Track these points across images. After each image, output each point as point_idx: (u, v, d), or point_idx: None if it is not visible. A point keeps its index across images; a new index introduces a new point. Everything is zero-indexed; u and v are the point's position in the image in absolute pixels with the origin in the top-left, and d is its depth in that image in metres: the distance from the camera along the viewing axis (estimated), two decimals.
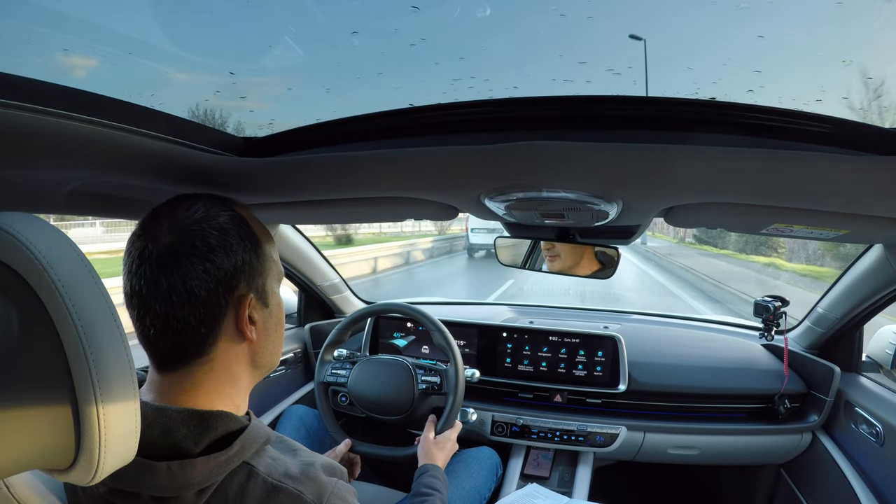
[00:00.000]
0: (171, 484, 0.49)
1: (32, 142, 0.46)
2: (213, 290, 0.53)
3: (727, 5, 0.46)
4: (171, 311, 0.52)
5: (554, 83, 0.51)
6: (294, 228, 1.56)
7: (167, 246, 0.52)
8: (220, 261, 0.53)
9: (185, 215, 0.54)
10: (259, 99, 0.60)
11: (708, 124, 0.51)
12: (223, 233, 0.54)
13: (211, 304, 0.53)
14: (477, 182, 0.72)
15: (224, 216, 0.56)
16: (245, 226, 0.57)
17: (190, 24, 0.53)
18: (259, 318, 0.58)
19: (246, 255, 0.56)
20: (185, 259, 0.52)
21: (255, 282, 0.57)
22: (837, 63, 0.48)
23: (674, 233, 14.54)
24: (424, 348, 1.62)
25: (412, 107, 0.55)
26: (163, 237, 0.53)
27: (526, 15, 0.50)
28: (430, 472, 1.04)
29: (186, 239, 0.53)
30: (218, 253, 0.53)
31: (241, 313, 0.55)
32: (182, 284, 0.52)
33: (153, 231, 0.54)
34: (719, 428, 1.43)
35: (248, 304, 0.56)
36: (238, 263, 0.55)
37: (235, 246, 0.55)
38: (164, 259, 0.52)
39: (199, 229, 0.53)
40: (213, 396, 0.55)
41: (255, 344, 0.58)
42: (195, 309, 0.52)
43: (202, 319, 0.53)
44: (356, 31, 0.53)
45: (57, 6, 0.47)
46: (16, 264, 0.40)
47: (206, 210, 0.55)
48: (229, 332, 0.56)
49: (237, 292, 0.55)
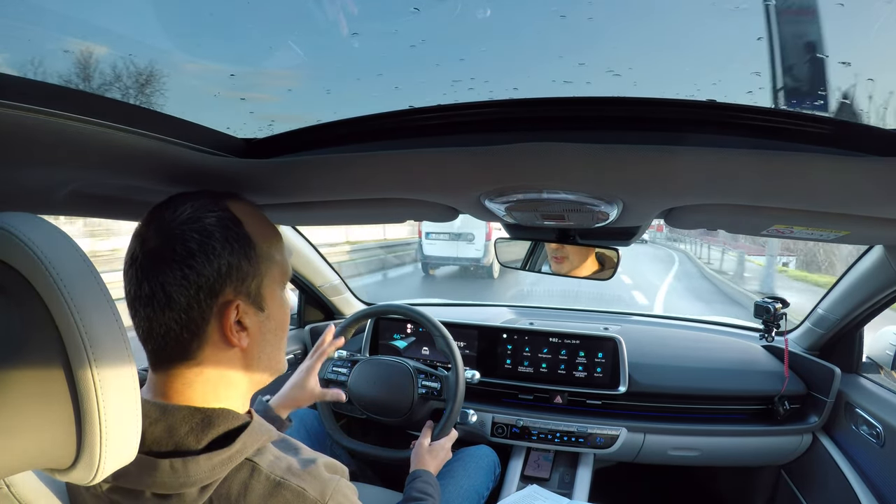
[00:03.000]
0: (173, 481, 0.49)
1: (32, 142, 0.46)
2: (193, 297, 0.52)
3: (727, 6, 0.46)
4: (153, 315, 0.52)
5: (554, 84, 0.51)
6: (294, 229, 1.56)
7: (151, 250, 0.52)
8: (200, 266, 0.52)
9: (171, 217, 0.53)
10: (259, 100, 0.60)
11: (708, 126, 0.51)
12: (206, 236, 0.53)
13: (192, 309, 0.52)
14: (477, 183, 0.72)
15: (211, 217, 0.54)
16: (235, 227, 0.55)
17: (190, 25, 0.53)
18: (252, 323, 0.56)
19: (233, 258, 0.54)
20: (165, 264, 0.51)
21: (246, 286, 0.55)
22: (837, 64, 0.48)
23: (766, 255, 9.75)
24: (424, 349, 1.62)
25: (412, 108, 0.55)
26: (149, 240, 0.53)
27: (526, 16, 0.50)
28: (423, 477, 1.05)
29: (168, 243, 0.52)
30: (198, 258, 0.52)
31: (225, 320, 0.53)
32: (161, 290, 0.51)
33: (143, 233, 0.53)
34: (719, 429, 1.43)
35: (234, 311, 0.54)
36: (222, 268, 0.53)
37: (219, 249, 0.53)
38: (147, 263, 0.52)
39: (181, 233, 0.52)
40: (210, 396, 0.55)
41: (248, 350, 0.57)
42: (176, 315, 0.52)
43: (184, 325, 0.52)
44: (356, 33, 0.53)
45: (57, 7, 0.47)
46: (17, 263, 0.40)
47: (192, 211, 0.54)
48: (215, 337, 0.54)
49: (221, 298, 0.53)
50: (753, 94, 0.49)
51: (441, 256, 9.26)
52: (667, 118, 0.51)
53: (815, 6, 0.48)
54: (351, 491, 0.57)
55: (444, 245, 9.08)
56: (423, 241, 9.25)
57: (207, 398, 0.55)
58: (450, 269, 9.98)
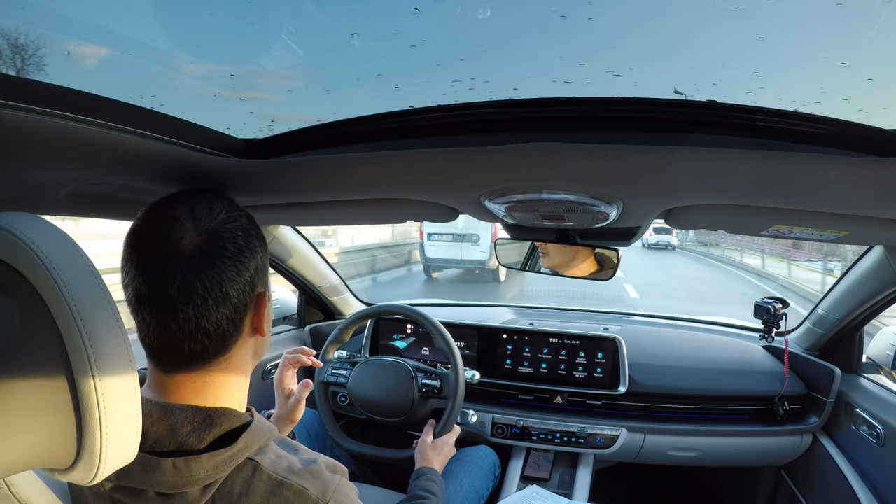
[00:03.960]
0: (176, 480, 0.49)
1: (32, 143, 0.46)
2: (244, 292, 0.54)
3: (727, 6, 0.46)
4: (204, 313, 0.51)
5: (554, 85, 0.51)
6: (294, 230, 1.56)
7: (198, 248, 0.51)
8: (248, 261, 0.55)
9: (208, 217, 0.54)
10: (259, 100, 0.60)
11: (708, 126, 0.51)
12: (247, 234, 0.56)
13: (241, 304, 0.54)
14: (477, 183, 0.72)
15: (242, 217, 0.57)
16: (256, 225, 0.59)
17: (190, 25, 0.53)
18: (266, 311, 0.60)
19: (262, 254, 0.58)
20: (219, 261, 0.52)
21: (265, 277, 0.59)
22: (837, 64, 0.48)
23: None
24: (424, 350, 1.62)
25: (412, 108, 0.55)
26: (189, 239, 0.51)
27: (526, 16, 0.50)
28: (427, 475, 1.05)
29: (218, 241, 0.53)
30: (246, 253, 0.55)
31: (260, 310, 0.57)
32: (219, 287, 0.52)
33: (176, 232, 0.51)
34: (720, 430, 1.43)
35: (265, 301, 0.58)
36: (259, 263, 0.57)
37: (256, 245, 0.57)
38: (197, 261, 0.51)
39: (227, 231, 0.54)
40: (221, 394, 0.56)
41: (260, 338, 0.60)
42: (228, 311, 0.53)
43: (232, 320, 0.54)
44: (356, 33, 0.53)
45: (57, 7, 0.47)
46: (17, 263, 0.40)
47: (227, 211, 0.56)
48: (248, 329, 0.57)
49: (257, 290, 0.57)
50: (754, 94, 0.49)
51: (444, 259, 8.76)
52: (667, 118, 0.51)
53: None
54: (352, 490, 0.57)
55: (447, 247, 8.59)
56: (424, 242, 8.73)
57: (218, 395, 0.56)
58: (453, 272, 9.44)
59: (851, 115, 0.48)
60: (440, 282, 9.23)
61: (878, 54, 0.46)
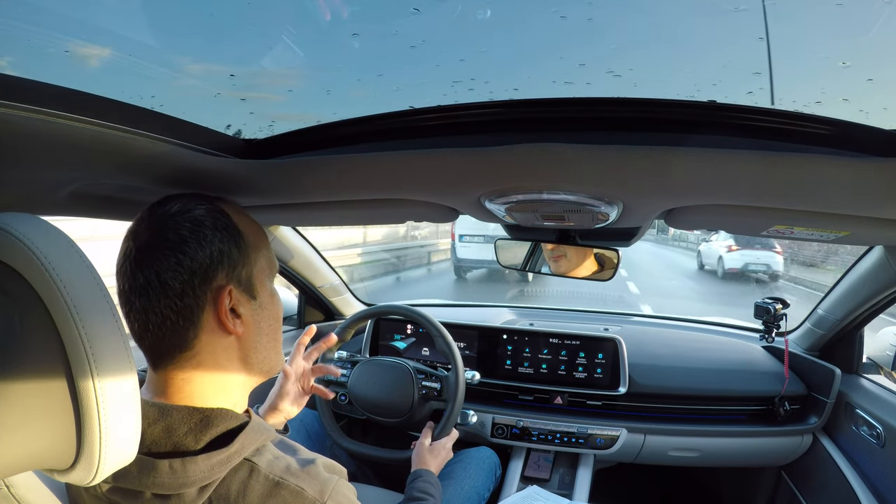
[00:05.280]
0: (172, 481, 0.49)
1: (32, 143, 0.46)
2: (187, 282, 0.53)
3: (727, 6, 0.46)
4: (148, 305, 0.52)
5: (554, 85, 0.51)
6: (294, 230, 1.56)
7: (144, 242, 0.53)
8: (193, 252, 0.53)
9: (161, 211, 0.55)
10: (259, 101, 0.60)
11: (708, 126, 0.51)
12: (196, 224, 0.55)
13: (186, 295, 0.53)
14: (477, 184, 0.72)
15: (200, 209, 0.56)
16: (223, 218, 0.57)
17: (190, 25, 0.53)
18: (245, 311, 0.57)
19: (224, 245, 0.55)
20: (158, 253, 0.52)
21: (237, 273, 0.56)
22: (837, 64, 0.48)
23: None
24: (425, 350, 1.62)
25: (413, 109, 0.55)
26: (141, 234, 0.54)
27: (526, 17, 0.50)
28: (424, 477, 1.05)
29: (160, 232, 0.53)
30: (191, 244, 0.53)
31: (219, 306, 0.55)
32: (157, 277, 0.52)
33: (136, 230, 0.55)
34: (720, 430, 1.43)
35: (227, 296, 0.55)
36: (213, 254, 0.54)
37: (210, 236, 0.55)
38: (140, 255, 0.53)
39: (173, 222, 0.54)
40: (208, 392, 0.56)
41: (244, 339, 0.58)
42: (171, 301, 0.52)
43: (179, 312, 0.53)
44: (357, 34, 0.53)
45: (58, 8, 0.47)
46: (16, 264, 0.40)
47: (182, 205, 0.56)
48: (210, 324, 0.55)
49: (215, 283, 0.55)
50: (754, 95, 0.49)
51: (476, 260, 8.76)
52: (667, 119, 0.51)
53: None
54: (350, 491, 0.57)
55: (478, 248, 8.54)
56: (456, 244, 8.81)
57: (206, 396, 0.55)
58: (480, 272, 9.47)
59: (852, 115, 0.48)
60: (469, 281, 9.29)
61: (878, 54, 0.46)
